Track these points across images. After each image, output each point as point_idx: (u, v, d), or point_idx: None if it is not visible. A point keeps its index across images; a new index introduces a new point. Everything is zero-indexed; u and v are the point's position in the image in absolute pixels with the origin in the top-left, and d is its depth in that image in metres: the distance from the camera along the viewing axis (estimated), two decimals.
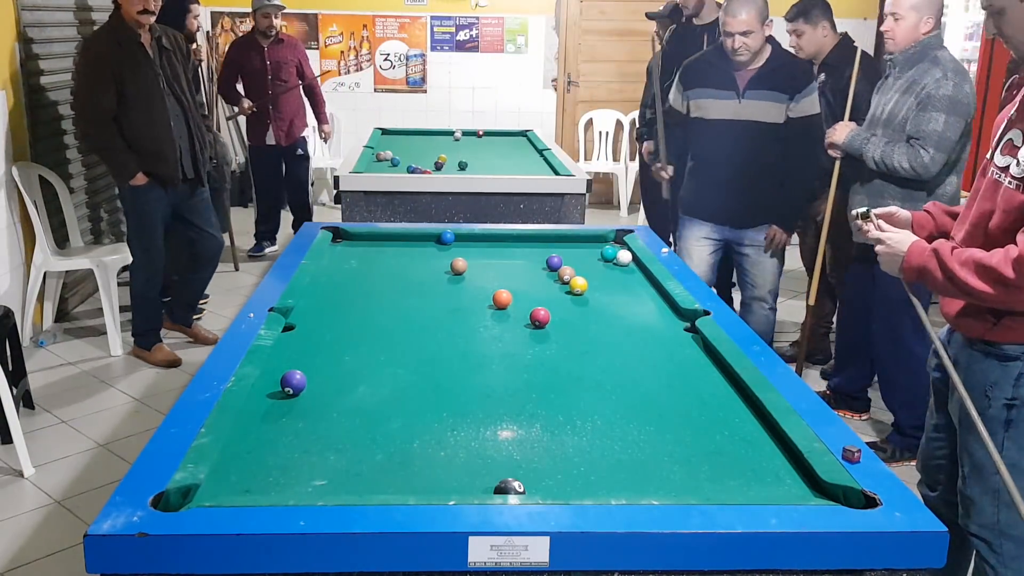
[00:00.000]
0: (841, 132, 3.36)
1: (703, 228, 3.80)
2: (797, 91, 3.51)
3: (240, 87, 5.91)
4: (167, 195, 4.07)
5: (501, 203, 4.14)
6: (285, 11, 6.07)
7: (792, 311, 4.89)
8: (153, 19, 3.88)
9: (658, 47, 5.59)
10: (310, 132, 6.41)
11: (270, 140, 5.90)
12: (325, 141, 6.39)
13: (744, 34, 3.42)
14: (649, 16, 5.41)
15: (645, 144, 5.34)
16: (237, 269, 5.72)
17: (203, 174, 4.23)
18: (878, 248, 2.04)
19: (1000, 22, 1.91)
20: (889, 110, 3.20)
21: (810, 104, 3.56)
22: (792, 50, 3.91)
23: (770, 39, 3.55)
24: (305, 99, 6.09)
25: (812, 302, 3.81)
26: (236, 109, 5.96)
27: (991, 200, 1.92)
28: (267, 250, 6.19)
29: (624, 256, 3.03)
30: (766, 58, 3.55)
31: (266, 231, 6.23)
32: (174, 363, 4.18)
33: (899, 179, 3.16)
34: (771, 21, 3.45)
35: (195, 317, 4.60)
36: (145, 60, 3.89)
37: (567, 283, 2.72)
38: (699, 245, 3.82)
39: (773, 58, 3.56)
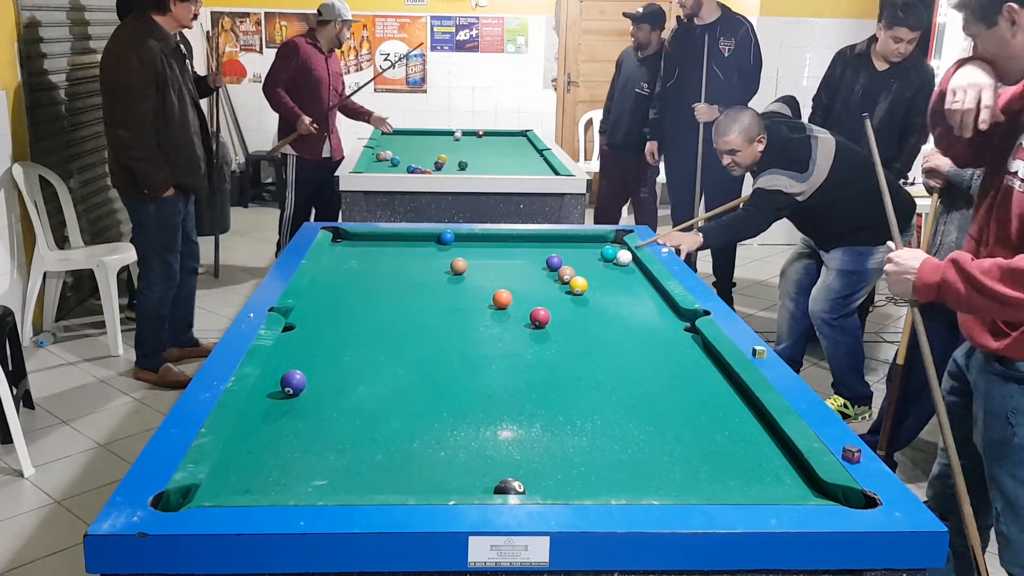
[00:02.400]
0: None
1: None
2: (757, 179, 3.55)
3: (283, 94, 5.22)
4: (184, 207, 3.97)
5: (501, 203, 4.14)
6: (287, 13, 5.94)
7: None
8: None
9: (629, 44, 5.66)
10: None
11: (326, 153, 5.33)
12: (388, 130, 5.72)
13: (730, 152, 3.47)
14: (626, 15, 5.47)
15: (649, 144, 5.31)
16: (217, 276, 5.50)
17: (213, 182, 4.14)
18: (887, 268, 1.93)
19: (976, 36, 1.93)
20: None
21: (761, 181, 3.49)
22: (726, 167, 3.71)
23: (769, 145, 3.49)
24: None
25: (901, 360, 3.19)
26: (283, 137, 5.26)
27: (1006, 208, 1.85)
28: None
29: (624, 256, 3.03)
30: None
31: None
32: (184, 384, 4.09)
33: None
34: (763, 136, 3.44)
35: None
36: (179, 66, 3.79)
37: (567, 283, 2.72)
38: (798, 247, 3.97)
39: (758, 165, 3.55)
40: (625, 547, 1.36)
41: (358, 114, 5.70)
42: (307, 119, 5.10)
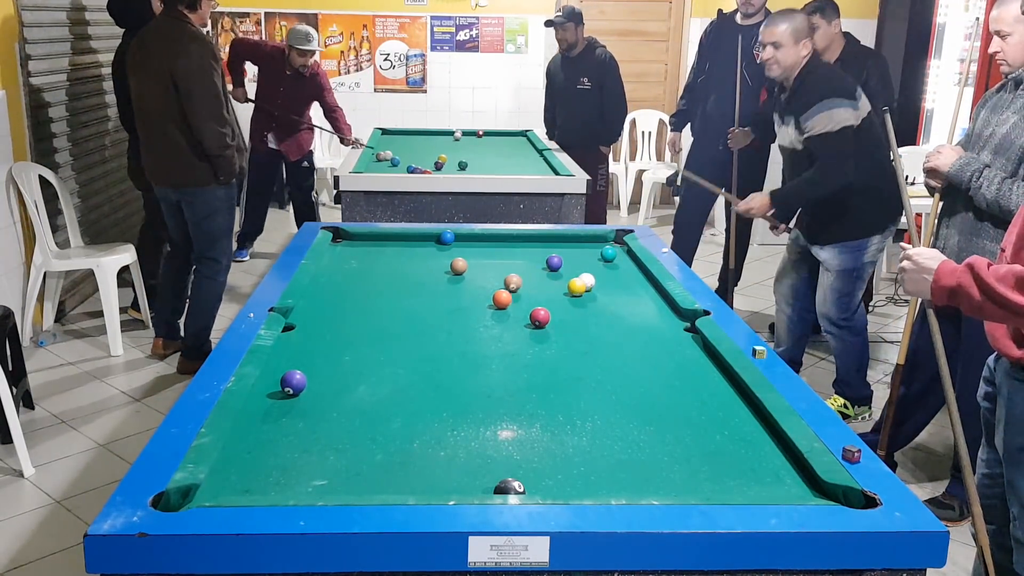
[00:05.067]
0: (947, 158, 2.73)
1: (794, 231, 3.88)
2: (802, 113, 3.42)
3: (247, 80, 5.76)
4: None
5: (501, 203, 4.14)
6: (287, 13, 6.05)
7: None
8: None
9: (557, 52, 5.70)
10: (316, 144, 6.39)
11: (271, 144, 5.78)
12: (355, 146, 5.85)
13: (774, 45, 3.42)
14: (549, 22, 5.53)
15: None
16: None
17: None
18: (903, 264, 1.91)
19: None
20: (1003, 133, 2.61)
21: (819, 123, 3.36)
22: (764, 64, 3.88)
23: (810, 59, 3.47)
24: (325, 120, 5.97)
25: (901, 360, 3.13)
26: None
27: None
28: (248, 255, 6.07)
29: (587, 280, 2.72)
30: (793, 78, 3.49)
31: (251, 235, 6.10)
32: None
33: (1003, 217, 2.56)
34: (808, 41, 3.41)
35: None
36: None
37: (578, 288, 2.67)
38: (788, 245, 3.93)
39: (796, 79, 3.48)
40: (625, 547, 1.36)
41: (338, 127, 5.99)
42: (242, 91, 5.70)
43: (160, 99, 3.79)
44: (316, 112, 6.03)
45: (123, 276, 4.63)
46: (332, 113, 5.89)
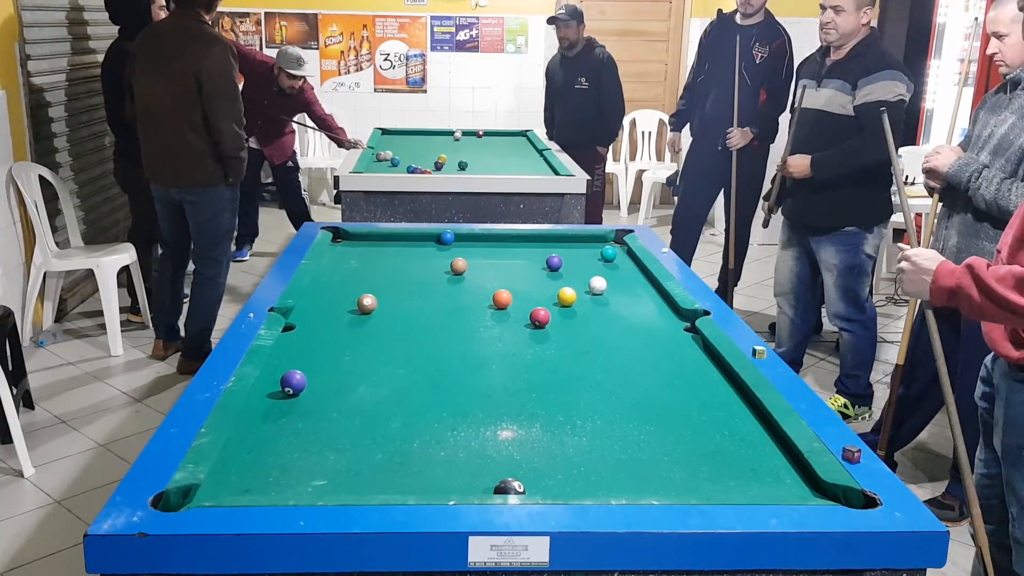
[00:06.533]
0: (946, 158, 2.72)
1: (785, 230, 3.84)
2: (863, 76, 3.40)
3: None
4: None
5: (501, 203, 4.14)
6: (287, 13, 6.02)
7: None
8: None
9: (557, 52, 5.70)
10: (316, 145, 6.34)
11: (253, 145, 5.68)
12: (354, 147, 5.70)
13: (835, 9, 3.39)
14: (552, 19, 5.52)
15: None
16: None
17: None
18: (902, 265, 1.91)
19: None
20: (1002, 134, 2.59)
21: (879, 89, 3.35)
22: (822, 27, 3.56)
23: (872, 32, 3.47)
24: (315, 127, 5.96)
25: (901, 360, 3.13)
26: None
27: None
28: (248, 255, 6.08)
29: (599, 284, 2.73)
30: (851, 46, 3.47)
31: (247, 234, 6.12)
32: None
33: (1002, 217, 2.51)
34: (869, 10, 3.38)
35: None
36: None
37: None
38: (781, 248, 3.88)
39: (857, 46, 3.46)
40: (625, 547, 1.36)
41: (332, 133, 5.94)
42: None
43: (176, 99, 3.76)
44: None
45: (119, 277, 4.64)
46: (323, 122, 5.86)
